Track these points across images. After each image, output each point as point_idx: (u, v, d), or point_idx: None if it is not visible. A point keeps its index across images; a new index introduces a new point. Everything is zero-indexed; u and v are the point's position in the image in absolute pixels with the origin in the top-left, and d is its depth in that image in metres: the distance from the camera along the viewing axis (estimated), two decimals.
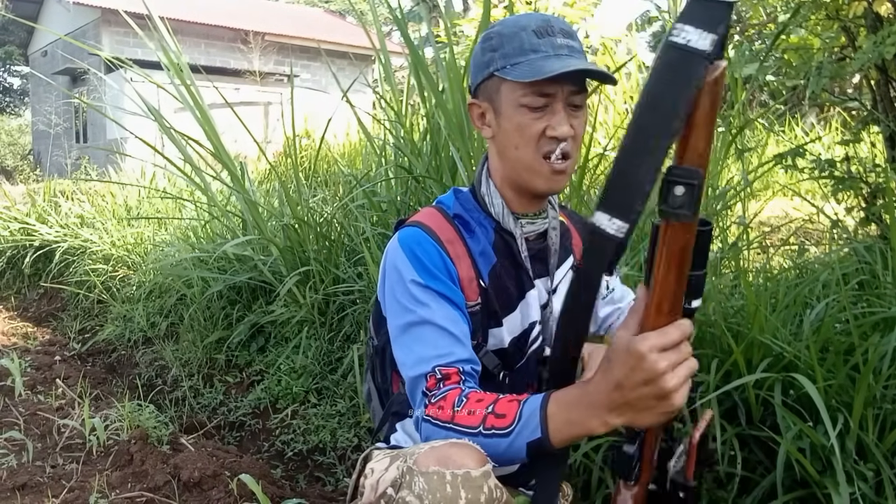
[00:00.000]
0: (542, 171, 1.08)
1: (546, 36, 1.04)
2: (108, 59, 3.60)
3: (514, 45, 1.05)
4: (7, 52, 21.29)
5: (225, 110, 3.26)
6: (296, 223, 3.00)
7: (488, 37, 1.09)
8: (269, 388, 2.69)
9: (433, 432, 0.97)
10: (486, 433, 0.92)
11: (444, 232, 1.14)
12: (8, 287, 5.45)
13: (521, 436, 0.89)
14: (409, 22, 3.68)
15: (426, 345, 1.05)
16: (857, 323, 1.61)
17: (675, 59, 0.66)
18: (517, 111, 1.06)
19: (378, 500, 0.99)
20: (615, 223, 0.72)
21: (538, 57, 1.03)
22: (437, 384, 1.01)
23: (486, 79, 1.09)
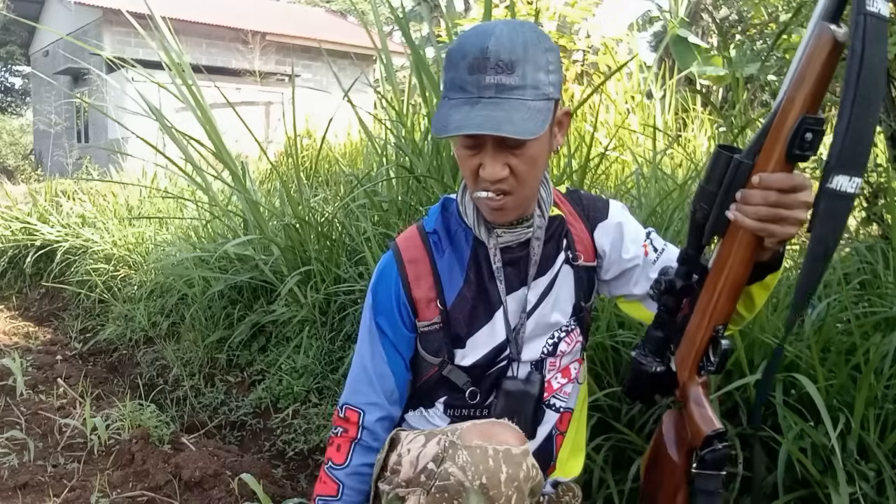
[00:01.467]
0: (481, 204, 1.10)
1: (477, 73, 0.97)
2: (110, 58, 3.60)
3: (451, 75, 1.02)
4: (9, 52, 21.31)
5: (226, 110, 3.27)
6: (297, 223, 3.00)
7: (448, 53, 1.05)
8: (271, 387, 2.69)
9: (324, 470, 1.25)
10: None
11: (410, 251, 1.20)
12: (9, 286, 5.46)
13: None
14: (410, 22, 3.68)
15: (351, 379, 1.27)
16: (858, 323, 1.61)
17: (881, 28, 0.75)
18: (456, 146, 1.07)
19: (418, 476, 1.02)
20: (854, 181, 0.78)
21: (457, 101, 0.99)
22: (339, 420, 1.25)
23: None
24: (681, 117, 4.90)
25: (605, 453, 1.66)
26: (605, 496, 1.62)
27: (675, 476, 1.04)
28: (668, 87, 4.59)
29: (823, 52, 0.81)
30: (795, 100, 0.84)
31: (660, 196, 2.62)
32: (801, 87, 0.83)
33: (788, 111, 0.84)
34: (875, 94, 0.75)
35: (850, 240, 2.33)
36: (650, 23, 15.55)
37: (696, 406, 1.00)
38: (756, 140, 0.88)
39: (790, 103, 0.84)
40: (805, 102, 0.83)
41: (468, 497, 0.91)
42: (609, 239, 1.24)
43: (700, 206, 0.93)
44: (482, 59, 0.97)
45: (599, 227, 1.25)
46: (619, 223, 1.24)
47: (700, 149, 4.34)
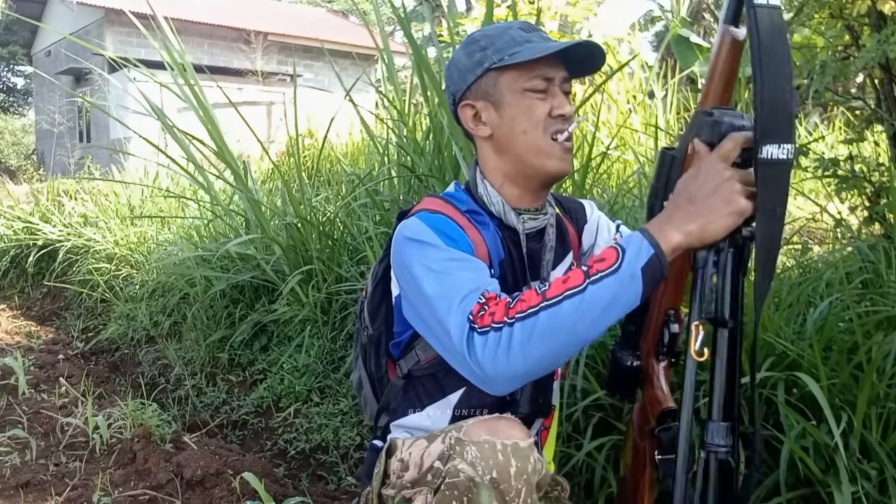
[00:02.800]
0: (553, 151, 1.11)
1: (532, 31, 1.12)
2: (112, 58, 3.61)
3: (505, 39, 1.10)
4: (11, 52, 21.33)
5: (228, 110, 3.27)
6: (299, 222, 3.00)
7: (473, 39, 1.13)
8: (272, 386, 2.69)
9: (517, 332, 0.87)
10: (593, 280, 0.86)
11: (460, 218, 1.14)
12: (11, 286, 5.46)
13: (634, 263, 0.86)
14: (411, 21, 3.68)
15: (461, 285, 0.97)
16: (860, 322, 1.61)
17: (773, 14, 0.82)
18: (522, 96, 1.10)
19: (424, 475, 1.00)
20: (784, 148, 0.81)
21: (534, 45, 1.08)
22: (482, 308, 0.92)
23: (480, 77, 1.12)
24: (682, 117, 4.89)
25: (607, 452, 1.66)
26: (606, 495, 1.62)
27: (641, 460, 1.10)
28: (669, 87, 4.58)
29: (726, 51, 0.92)
30: (708, 95, 0.94)
31: None
32: (711, 83, 0.93)
33: (704, 104, 0.94)
34: (779, 69, 0.80)
35: (852, 239, 2.33)
36: (652, 22, 15.54)
37: (652, 389, 1.05)
38: (684, 136, 0.95)
39: (704, 99, 0.94)
40: (716, 95, 0.93)
41: (479, 492, 0.90)
42: (590, 240, 1.30)
43: (652, 202, 0.99)
44: (529, 25, 1.14)
45: (585, 230, 1.30)
46: (597, 223, 1.31)
47: None
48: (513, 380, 0.90)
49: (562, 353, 0.89)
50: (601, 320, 0.87)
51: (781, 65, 0.81)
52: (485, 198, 1.18)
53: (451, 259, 1.02)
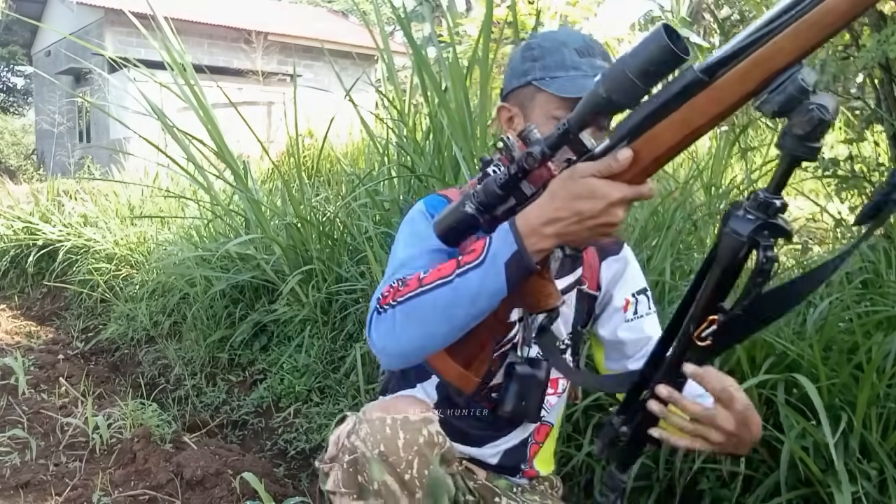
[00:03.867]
0: None
1: (587, 56, 1.08)
2: (112, 58, 3.60)
3: (556, 58, 1.09)
4: (11, 52, 21.32)
5: (228, 110, 3.27)
6: (298, 222, 3.00)
7: (529, 46, 1.13)
8: (272, 386, 2.69)
9: (399, 315, 0.94)
10: (460, 273, 0.91)
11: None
12: (11, 286, 5.46)
13: (498, 257, 0.89)
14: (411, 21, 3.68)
15: (400, 261, 1.06)
16: (860, 322, 1.61)
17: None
18: (548, 122, 1.07)
19: (339, 452, 1.05)
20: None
21: (578, 75, 1.07)
22: (391, 289, 0.98)
23: (522, 86, 1.12)
24: None
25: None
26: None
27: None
28: None
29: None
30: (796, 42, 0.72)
31: (661, 195, 2.62)
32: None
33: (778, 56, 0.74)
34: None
35: (852, 239, 2.33)
36: (652, 22, 15.52)
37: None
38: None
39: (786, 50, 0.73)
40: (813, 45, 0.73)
41: (371, 466, 0.95)
42: (611, 273, 1.26)
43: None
44: (589, 47, 1.10)
45: (607, 261, 1.27)
46: (625, 260, 1.27)
47: (702, 148, 4.33)
48: (398, 356, 0.98)
49: (437, 337, 0.94)
50: (470, 310, 0.91)
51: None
52: None
53: (413, 234, 1.10)
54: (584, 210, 0.84)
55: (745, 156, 2.93)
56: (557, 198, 0.85)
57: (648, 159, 0.81)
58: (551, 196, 0.86)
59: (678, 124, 0.78)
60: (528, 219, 0.88)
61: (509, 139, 0.90)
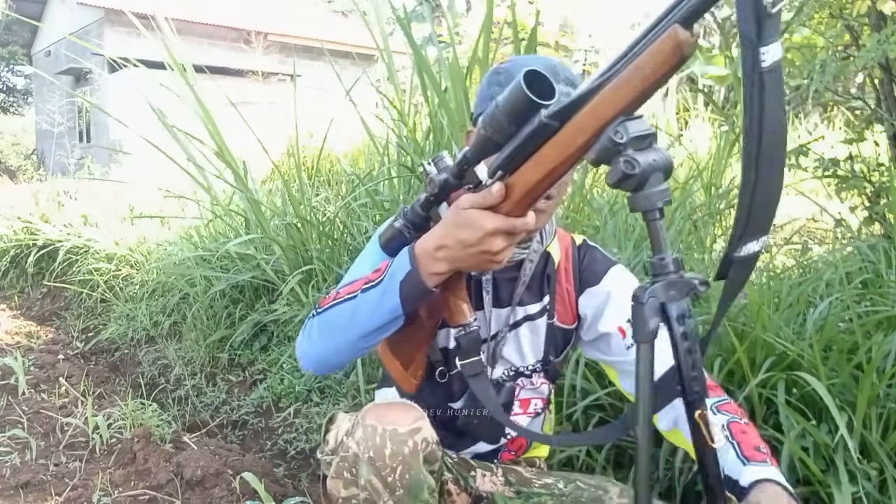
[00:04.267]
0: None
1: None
2: (112, 58, 3.60)
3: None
4: (11, 52, 21.31)
5: (228, 109, 3.27)
6: (298, 222, 3.00)
7: (497, 71, 1.14)
8: (272, 386, 2.69)
9: (316, 325, 1.06)
10: (364, 289, 1.01)
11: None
12: (11, 286, 5.46)
13: (394, 277, 0.97)
14: (411, 22, 3.68)
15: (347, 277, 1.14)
16: (860, 322, 1.61)
17: (777, 79, 0.68)
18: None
19: (338, 447, 1.14)
20: (762, 240, 0.76)
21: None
22: (324, 299, 1.09)
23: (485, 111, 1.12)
24: (683, 117, 4.90)
25: (607, 452, 1.66)
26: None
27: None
28: (669, 87, 4.59)
29: (668, 58, 0.72)
30: (616, 98, 0.75)
31: None
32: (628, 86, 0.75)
33: (602, 109, 0.76)
34: (778, 154, 0.70)
35: (852, 239, 2.33)
36: None
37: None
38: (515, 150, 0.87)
39: (608, 103, 0.76)
40: (628, 104, 0.75)
41: (361, 466, 1.06)
42: (593, 305, 1.26)
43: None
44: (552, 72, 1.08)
45: (586, 293, 1.28)
46: (607, 293, 1.25)
47: (702, 148, 4.33)
48: (314, 361, 1.10)
49: (344, 346, 1.05)
50: (370, 324, 1.00)
51: (781, 151, 0.71)
52: None
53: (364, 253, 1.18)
54: (465, 238, 0.90)
55: None
56: (445, 226, 0.93)
57: (520, 194, 0.87)
58: (442, 223, 0.94)
59: (538, 164, 0.84)
60: (424, 243, 0.96)
61: (427, 165, 0.98)
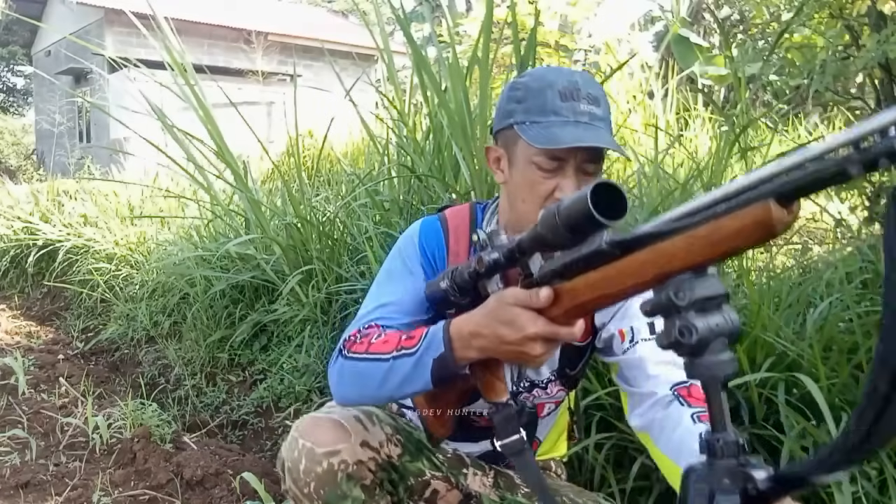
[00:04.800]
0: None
1: (570, 100, 1.04)
2: (112, 58, 3.60)
3: (538, 101, 1.05)
4: (11, 52, 21.32)
5: (228, 110, 3.27)
6: (298, 222, 3.00)
7: (515, 86, 1.10)
8: (272, 386, 2.69)
9: (347, 370, 1.06)
10: (397, 355, 0.99)
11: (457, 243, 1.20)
12: (11, 286, 5.47)
13: (427, 353, 0.96)
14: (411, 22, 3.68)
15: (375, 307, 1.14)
16: (860, 322, 1.61)
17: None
18: (529, 167, 1.07)
19: (282, 461, 1.17)
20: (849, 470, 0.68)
21: (557, 121, 1.03)
22: (357, 334, 1.09)
23: (506, 128, 1.10)
24: (682, 117, 4.90)
25: (607, 452, 1.67)
26: (606, 494, 1.62)
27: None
28: (669, 87, 4.59)
29: (753, 231, 0.63)
30: (686, 252, 0.67)
31: (661, 195, 2.62)
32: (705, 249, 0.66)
33: (668, 257, 0.69)
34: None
35: (852, 239, 2.33)
36: (652, 22, 15.53)
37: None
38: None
39: (676, 253, 0.68)
40: (698, 262, 0.67)
41: (283, 473, 1.15)
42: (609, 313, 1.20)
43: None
44: (574, 90, 1.05)
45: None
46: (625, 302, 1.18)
47: (702, 148, 4.33)
48: (341, 400, 1.11)
49: (371, 399, 1.07)
50: (401, 389, 1.00)
51: None
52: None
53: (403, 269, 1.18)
54: (504, 335, 0.88)
55: (745, 156, 2.93)
56: (486, 315, 0.90)
57: (570, 304, 0.83)
58: (484, 311, 0.91)
59: (590, 286, 0.80)
60: (460, 326, 0.94)
61: (481, 232, 0.96)
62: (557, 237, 0.79)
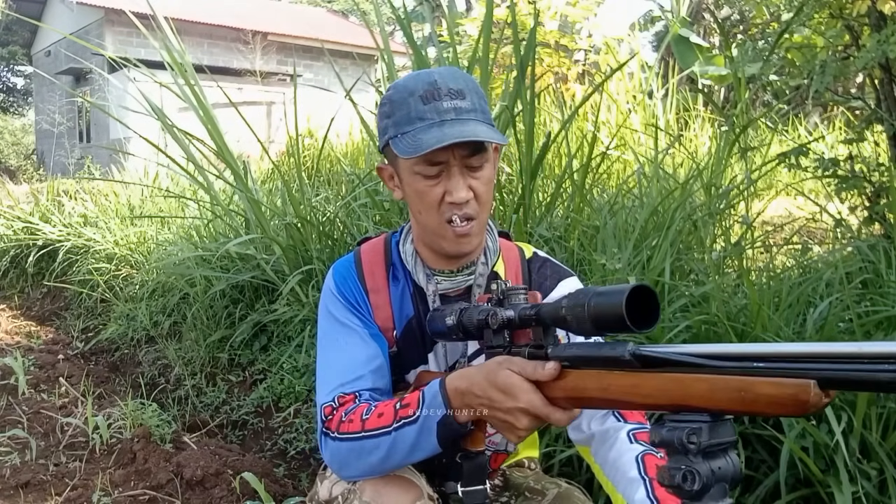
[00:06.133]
0: (446, 234, 1.08)
1: (431, 101, 1.03)
2: (112, 58, 3.61)
3: (402, 112, 1.04)
4: (11, 52, 21.31)
5: (228, 110, 3.27)
6: (298, 222, 3.00)
7: (383, 102, 1.09)
8: (272, 386, 2.69)
9: (345, 450, 1.02)
10: (398, 427, 0.97)
11: (375, 277, 1.18)
12: (11, 286, 5.47)
13: (430, 418, 0.94)
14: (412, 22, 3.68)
15: (334, 374, 1.11)
16: (860, 322, 1.61)
17: None
18: (414, 178, 1.06)
19: (332, 500, 1.11)
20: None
21: (423, 126, 1.02)
22: (332, 411, 1.06)
23: (386, 145, 1.09)
24: (682, 117, 4.90)
25: None
26: (606, 496, 1.62)
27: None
28: (669, 87, 4.59)
29: (786, 402, 0.64)
30: (711, 395, 0.68)
31: (661, 195, 2.62)
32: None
33: (691, 392, 0.69)
34: None
35: (852, 239, 2.33)
36: (652, 22, 15.53)
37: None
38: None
39: (701, 392, 0.69)
40: (719, 409, 0.68)
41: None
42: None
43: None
44: (433, 90, 1.03)
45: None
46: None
47: (702, 148, 4.33)
48: (347, 477, 1.06)
49: (380, 472, 1.02)
50: (409, 458, 0.98)
51: None
52: (402, 255, 1.19)
53: (338, 327, 1.14)
54: (495, 400, 0.87)
55: (745, 156, 2.93)
56: (482, 375, 0.89)
57: (570, 391, 0.82)
58: (481, 372, 0.90)
59: (601, 384, 0.78)
60: (456, 384, 0.93)
61: (501, 284, 0.93)
62: (581, 326, 0.78)
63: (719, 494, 0.65)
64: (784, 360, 0.62)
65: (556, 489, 1.24)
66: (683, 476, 0.65)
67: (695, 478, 0.65)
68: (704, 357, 0.68)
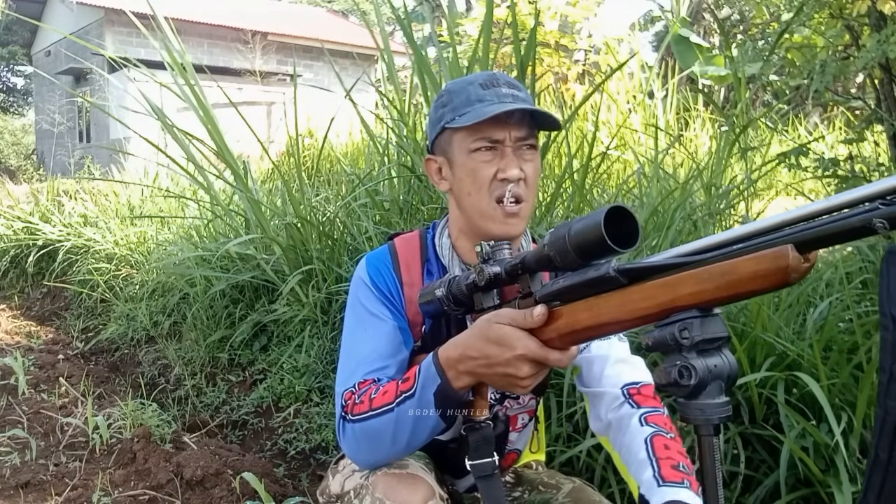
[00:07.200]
0: (495, 215, 1.09)
1: (491, 87, 1.08)
2: (112, 58, 3.61)
3: (462, 98, 1.09)
4: (11, 52, 21.31)
5: (228, 110, 3.27)
6: (298, 222, 3.00)
7: (440, 95, 1.14)
8: (272, 386, 2.69)
9: (358, 432, 1.02)
10: (399, 402, 0.97)
11: (410, 270, 1.19)
12: (11, 286, 5.47)
13: (426, 388, 0.94)
14: (412, 22, 3.68)
15: (357, 362, 1.12)
16: (860, 322, 1.61)
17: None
18: (469, 158, 1.09)
19: (343, 496, 1.12)
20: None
21: (482, 105, 1.07)
22: (352, 395, 1.07)
23: (440, 133, 1.12)
24: (682, 117, 4.90)
25: (607, 452, 1.66)
26: (606, 495, 1.62)
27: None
28: (669, 87, 4.59)
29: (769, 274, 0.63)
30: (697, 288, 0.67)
31: (661, 195, 2.62)
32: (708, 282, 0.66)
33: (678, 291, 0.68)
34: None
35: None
36: (652, 22, 15.54)
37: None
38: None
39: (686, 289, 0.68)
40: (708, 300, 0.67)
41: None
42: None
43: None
44: (493, 79, 1.09)
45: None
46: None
47: (702, 148, 4.34)
48: (363, 465, 1.07)
49: (391, 455, 1.03)
50: (415, 436, 0.98)
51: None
52: (438, 248, 1.20)
53: (367, 316, 1.15)
54: (492, 355, 0.87)
55: (745, 156, 2.93)
56: (473, 336, 0.89)
57: (564, 329, 0.81)
58: (472, 332, 0.90)
59: (592, 311, 0.78)
60: (448, 353, 0.93)
61: (486, 245, 0.94)
62: (565, 259, 0.77)
63: (716, 391, 0.65)
64: (761, 234, 0.63)
65: (571, 484, 1.26)
66: (679, 372, 0.65)
67: (691, 373, 0.65)
68: (686, 255, 0.68)
